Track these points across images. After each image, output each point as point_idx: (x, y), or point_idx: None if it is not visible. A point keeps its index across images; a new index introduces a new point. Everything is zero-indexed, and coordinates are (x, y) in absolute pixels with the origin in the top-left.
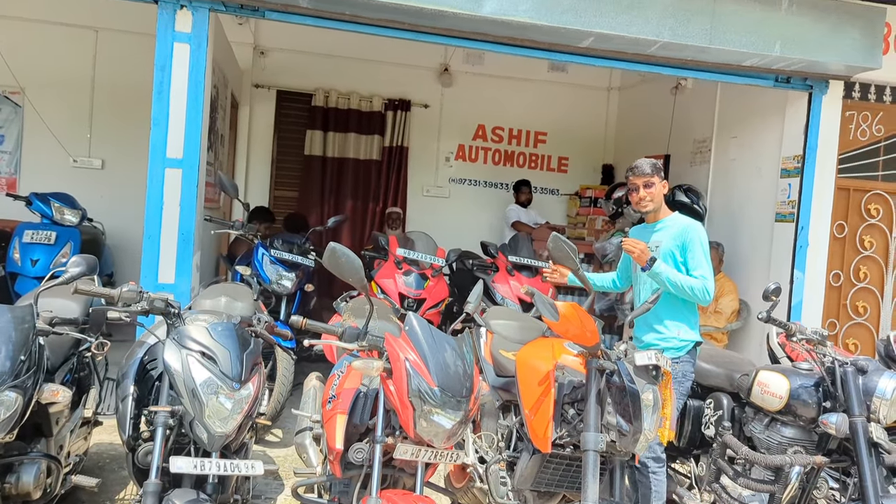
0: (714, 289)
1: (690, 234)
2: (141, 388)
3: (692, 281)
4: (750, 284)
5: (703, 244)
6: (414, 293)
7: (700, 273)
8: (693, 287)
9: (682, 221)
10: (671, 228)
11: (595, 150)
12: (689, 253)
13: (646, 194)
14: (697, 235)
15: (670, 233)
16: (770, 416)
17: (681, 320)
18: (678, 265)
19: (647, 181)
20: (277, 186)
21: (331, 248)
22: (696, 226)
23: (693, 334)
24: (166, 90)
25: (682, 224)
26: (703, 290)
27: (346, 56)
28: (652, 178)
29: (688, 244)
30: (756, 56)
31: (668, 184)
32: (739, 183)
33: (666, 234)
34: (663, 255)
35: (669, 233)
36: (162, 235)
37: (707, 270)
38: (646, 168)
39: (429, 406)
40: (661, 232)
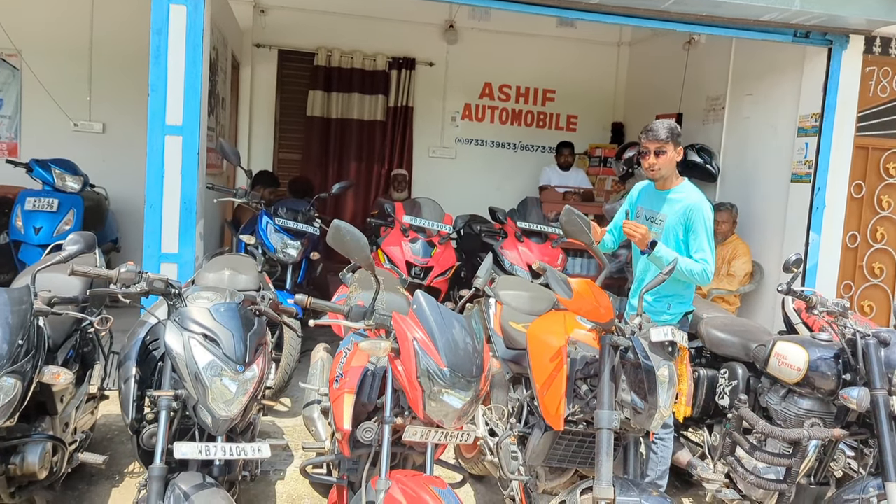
0: (714, 271)
1: (695, 216)
2: (144, 369)
3: (693, 265)
4: (764, 247)
5: (708, 225)
6: (421, 261)
7: (701, 256)
8: (693, 271)
9: (690, 198)
10: (679, 203)
11: (605, 107)
12: (691, 234)
13: (656, 161)
14: (702, 217)
15: (677, 208)
16: (787, 387)
17: (672, 295)
18: (679, 243)
19: (660, 147)
20: (281, 149)
21: (335, 226)
22: (702, 206)
23: (683, 307)
24: (163, 55)
25: (689, 203)
26: (703, 273)
27: (349, 13)
28: (666, 144)
29: (692, 225)
30: (775, 10)
31: (682, 150)
32: (754, 142)
33: (673, 208)
34: (667, 230)
35: (676, 208)
36: (164, 204)
37: (709, 254)
38: (661, 133)
39: (438, 386)
40: (669, 204)
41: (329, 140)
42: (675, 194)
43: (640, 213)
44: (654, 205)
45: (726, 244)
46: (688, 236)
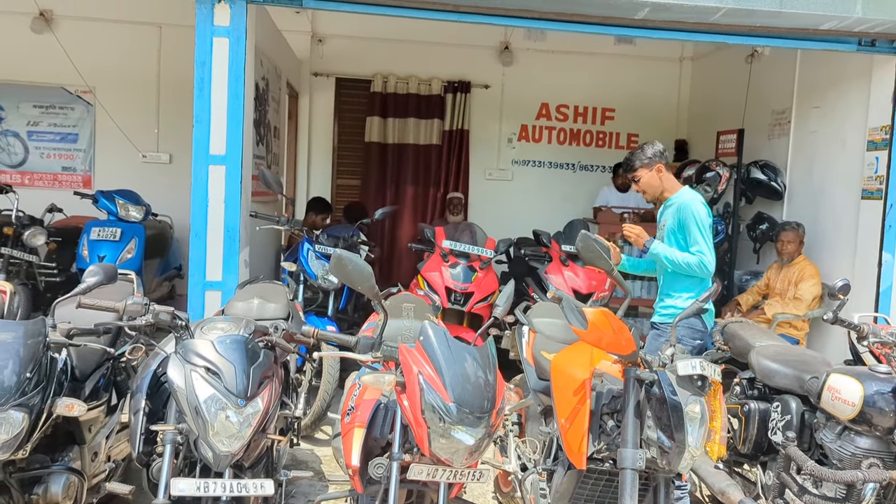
0: (714, 262)
1: (684, 213)
2: (155, 402)
3: (688, 257)
4: (834, 268)
5: (699, 220)
6: (461, 286)
7: (696, 249)
8: (689, 262)
9: (680, 199)
10: (672, 206)
11: (667, 125)
12: (685, 231)
13: (638, 188)
14: (690, 213)
15: (671, 211)
16: (843, 424)
17: (684, 290)
18: (679, 242)
19: (634, 176)
20: (339, 175)
21: (336, 256)
22: (689, 204)
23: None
24: (207, 86)
25: (679, 203)
26: (700, 264)
27: (404, 39)
28: (637, 172)
29: (683, 222)
30: (835, 19)
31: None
32: (821, 157)
33: (669, 212)
34: (668, 233)
35: (671, 211)
36: (208, 233)
37: (704, 246)
38: (632, 163)
39: (444, 423)
40: (667, 210)
41: (386, 165)
42: (673, 200)
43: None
44: (660, 215)
45: (793, 265)
46: (683, 233)
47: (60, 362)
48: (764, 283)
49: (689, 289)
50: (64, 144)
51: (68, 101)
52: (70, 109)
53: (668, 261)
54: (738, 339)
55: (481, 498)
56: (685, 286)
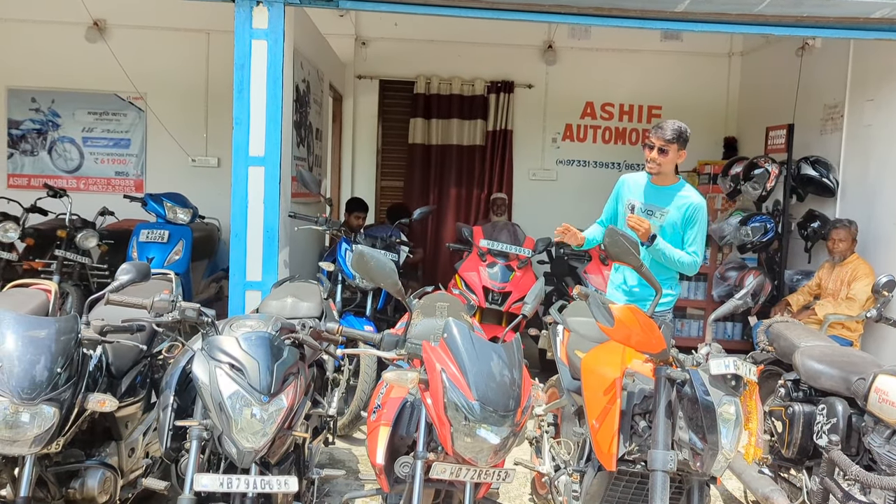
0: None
1: (699, 214)
2: (184, 398)
3: (685, 256)
4: (890, 267)
5: (705, 225)
6: (499, 286)
7: (694, 250)
8: (683, 261)
9: (695, 198)
10: (680, 200)
11: (715, 121)
12: (690, 230)
13: (657, 157)
14: (703, 216)
15: (681, 204)
16: (892, 428)
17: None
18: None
19: (664, 146)
20: (383, 177)
21: (358, 252)
22: (703, 207)
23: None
24: (246, 88)
25: (694, 202)
26: (693, 264)
27: (447, 40)
28: (670, 144)
29: (694, 222)
30: (887, 6)
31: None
32: (877, 152)
33: (677, 204)
34: (667, 223)
35: (680, 204)
36: (248, 233)
37: (701, 248)
38: (667, 132)
39: (468, 421)
40: (673, 200)
41: (430, 166)
42: (681, 191)
43: (634, 206)
44: (655, 199)
45: (845, 264)
46: (685, 231)
47: (95, 359)
48: (815, 283)
49: (667, 283)
50: (117, 150)
51: (121, 108)
52: (123, 115)
53: (666, 256)
54: (782, 340)
55: (517, 500)
56: (663, 280)
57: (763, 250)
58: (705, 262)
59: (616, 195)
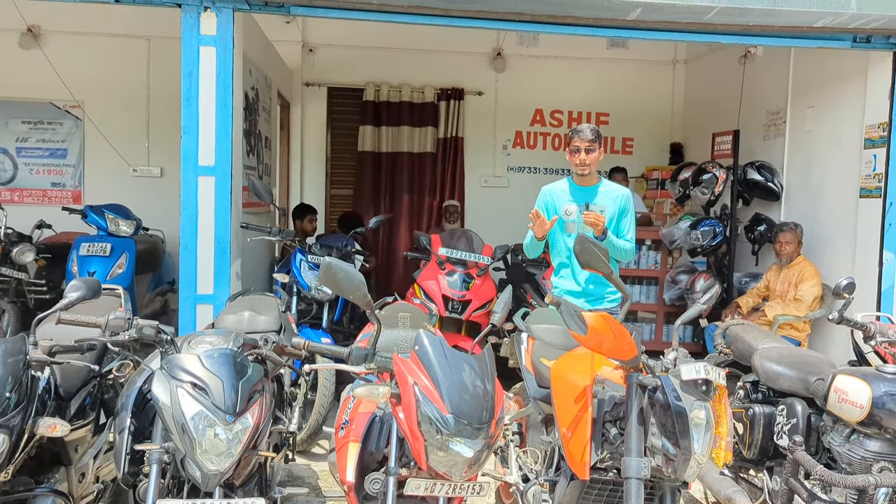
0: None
1: (630, 203)
2: (141, 420)
3: (626, 244)
4: (834, 268)
5: (634, 212)
6: (458, 294)
7: (630, 236)
8: (626, 248)
9: (621, 189)
10: (611, 194)
11: (662, 128)
12: (625, 219)
13: (586, 158)
14: (633, 205)
15: (611, 198)
16: (851, 427)
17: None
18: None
19: (590, 146)
20: (333, 185)
21: (326, 265)
22: (632, 196)
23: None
24: (195, 96)
25: (623, 192)
26: (632, 250)
27: (396, 47)
28: (594, 143)
29: (626, 211)
30: (829, 15)
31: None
32: (818, 156)
33: (607, 198)
34: (609, 219)
35: (611, 198)
36: (198, 245)
37: (633, 235)
38: (588, 133)
39: (442, 435)
40: (601, 196)
41: (380, 174)
42: (607, 187)
43: (571, 211)
44: (586, 199)
45: (792, 266)
46: (621, 220)
47: (43, 381)
48: (763, 285)
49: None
50: (53, 160)
51: (57, 117)
52: (59, 125)
53: (614, 246)
54: (740, 342)
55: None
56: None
57: (712, 254)
58: (656, 267)
59: (545, 206)
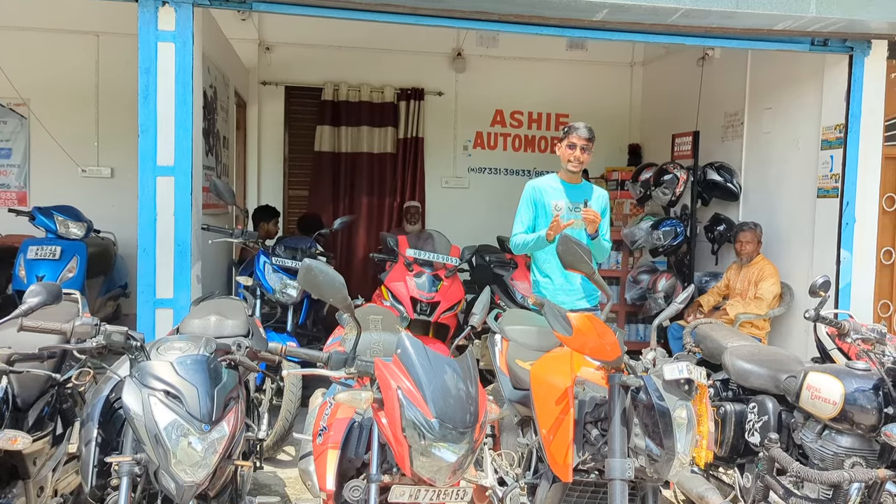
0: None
1: (606, 203)
2: (109, 430)
3: (607, 244)
4: (792, 267)
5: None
6: (427, 296)
7: (609, 236)
8: (608, 249)
9: (600, 189)
10: (598, 193)
11: (620, 129)
12: (605, 219)
13: (581, 156)
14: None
15: (597, 197)
16: (823, 423)
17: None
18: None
19: (585, 145)
20: (290, 186)
21: (305, 266)
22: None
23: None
24: (153, 94)
25: (604, 194)
26: (609, 249)
27: (355, 46)
28: (590, 143)
29: (605, 211)
30: (789, 19)
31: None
32: (776, 157)
33: (594, 196)
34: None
35: (596, 196)
36: (157, 248)
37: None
38: (585, 132)
39: (426, 440)
40: (592, 194)
41: (339, 175)
42: (591, 187)
43: (560, 207)
44: (576, 197)
45: (752, 265)
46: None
47: (0, 391)
48: (724, 284)
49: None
50: None
51: (1, 115)
52: (2, 123)
53: (598, 246)
54: (709, 341)
55: None
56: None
57: (673, 253)
58: (618, 267)
59: (533, 202)
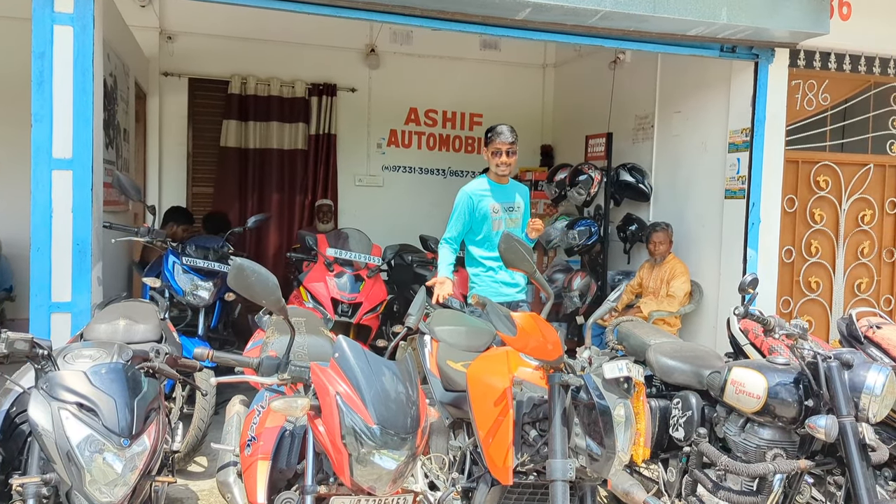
0: None
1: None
2: (9, 448)
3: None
4: (701, 265)
5: None
6: (348, 297)
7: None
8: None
9: (522, 186)
10: (520, 192)
11: (533, 130)
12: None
13: (508, 160)
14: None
15: (521, 194)
16: (745, 416)
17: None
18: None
19: (510, 148)
20: (195, 183)
21: (237, 266)
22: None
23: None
24: (48, 80)
25: (525, 188)
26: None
27: (264, 39)
28: (514, 145)
29: (528, 204)
30: (702, 25)
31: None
32: (685, 160)
33: (521, 194)
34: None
35: (521, 194)
36: (53, 247)
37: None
38: (509, 135)
39: (367, 447)
40: (519, 193)
41: (247, 171)
42: (517, 185)
43: (497, 209)
44: (507, 197)
45: (664, 264)
46: (526, 215)
47: None
48: (637, 283)
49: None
50: None
51: None
52: None
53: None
54: (632, 338)
55: None
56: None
57: (587, 253)
58: None
59: (468, 208)
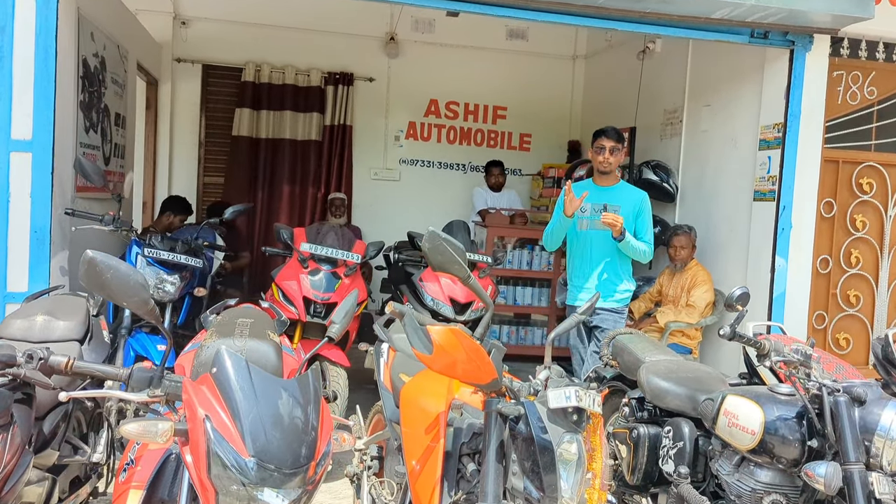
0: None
1: (646, 205)
2: None
3: (643, 245)
4: (726, 273)
5: (651, 214)
6: (322, 296)
7: (648, 238)
8: (644, 251)
9: (635, 191)
10: (627, 195)
11: (560, 125)
12: (641, 221)
13: (609, 157)
14: (649, 206)
15: (626, 199)
16: (741, 454)
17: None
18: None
19: (614, 146)
20: (206, 172)
21: (88, 261)
22: (647, 197)
23: (631, 285)
24: (7, 56)
25: (638, 194)
26: (648, 252)
27: (280, 25)
28: (618, 144)
29: (643, 213)
30: (727, 6)
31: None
32: (713, 157)
33: (622, 199)
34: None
35: (626, 199)
36: (9, 234)
37: (651, 237)
38: (613, 134)
39: (237, 486)
40: (618, 197)
41: (258, 162)
42: (622, 189)
43: (586, 208)
44: (602, 199)
45: (685, 271)
46: (636, 222)
47: None
48: (656, 290)
49: (624, 278)
50: None
51: None
52: None
53: (631, 247)
54: (626, 354)
55: None
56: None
57: None
58: (549, 268)
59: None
